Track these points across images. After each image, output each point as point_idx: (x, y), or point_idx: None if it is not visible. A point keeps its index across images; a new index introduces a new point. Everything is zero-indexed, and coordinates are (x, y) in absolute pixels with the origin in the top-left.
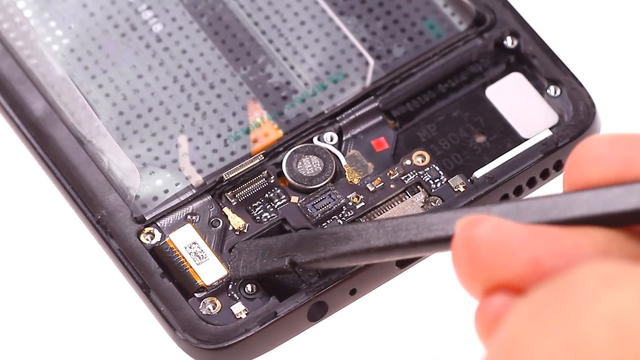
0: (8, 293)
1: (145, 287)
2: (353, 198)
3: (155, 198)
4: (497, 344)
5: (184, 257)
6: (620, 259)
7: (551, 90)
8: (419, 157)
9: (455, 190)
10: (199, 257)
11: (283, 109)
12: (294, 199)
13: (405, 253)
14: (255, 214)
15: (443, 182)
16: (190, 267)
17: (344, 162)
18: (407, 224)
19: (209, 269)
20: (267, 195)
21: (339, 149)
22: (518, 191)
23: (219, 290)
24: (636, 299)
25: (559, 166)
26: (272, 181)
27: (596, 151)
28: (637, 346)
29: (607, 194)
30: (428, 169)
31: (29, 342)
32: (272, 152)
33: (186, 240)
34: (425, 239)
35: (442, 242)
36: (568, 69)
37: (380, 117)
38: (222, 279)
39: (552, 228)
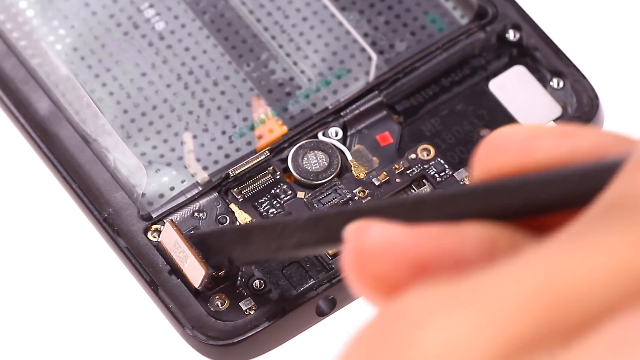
0: (15, 292)
1: (153, 284)
2: (359, 192)
3: (161, 195)
4: None
5: (174, 259)
6: (504, 253)
7: (554, 82)
8: (424, 151)
9: (461, 183)
10: (183, 259)
11: (287, 105)
12: (300, 194)
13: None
14: (262, 210)
15: (448, 176)
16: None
17: (349, 157)
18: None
19: (193, 271)
20: (273, 191)
21: (344, 143)
22: None
23: (228, 286)
24: (465, 325)
25: None
26: (278, 177)
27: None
28: None
29: (495, 186)
30: (433, 162)
31: (36, 340)
32: (277, 148)
33: (171, 241)
34: None
35: None
36: (570, 61)
37: (384, 112)
38: (204, 279)
39: (437, 227)
